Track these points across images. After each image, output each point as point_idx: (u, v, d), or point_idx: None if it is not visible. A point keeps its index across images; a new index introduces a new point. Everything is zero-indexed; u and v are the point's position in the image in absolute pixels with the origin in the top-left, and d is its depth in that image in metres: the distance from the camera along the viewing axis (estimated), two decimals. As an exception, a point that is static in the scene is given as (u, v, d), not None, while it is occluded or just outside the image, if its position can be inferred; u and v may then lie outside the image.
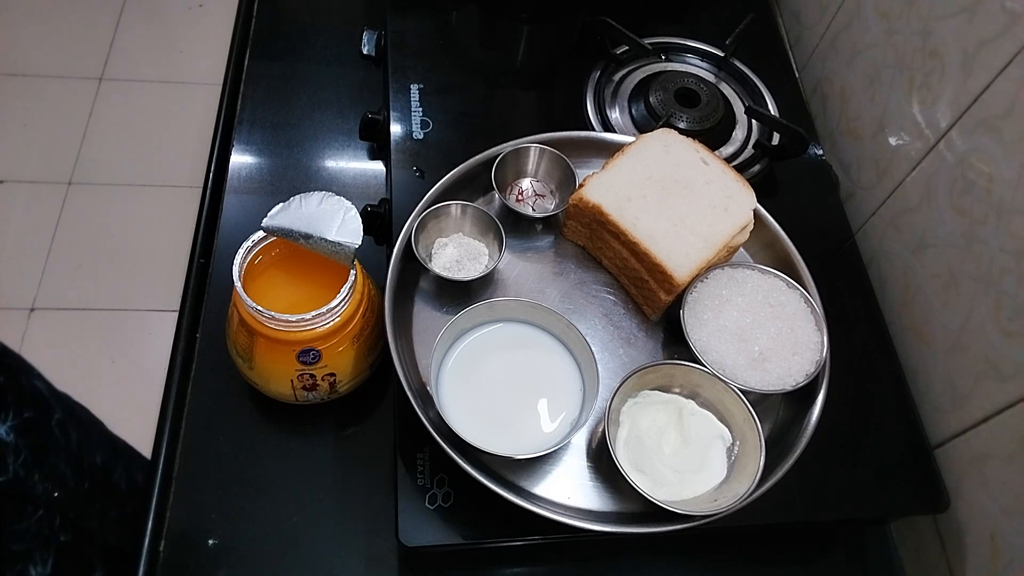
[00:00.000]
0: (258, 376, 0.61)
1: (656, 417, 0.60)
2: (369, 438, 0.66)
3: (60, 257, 1.67)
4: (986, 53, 0.63)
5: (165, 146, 1.85)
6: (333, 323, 0.56)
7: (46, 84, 1.92)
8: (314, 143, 0.84)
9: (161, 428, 0.64)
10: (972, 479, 0.63)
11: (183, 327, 0.70)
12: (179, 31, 2.06)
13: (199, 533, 0.61)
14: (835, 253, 0.75)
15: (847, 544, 0.67)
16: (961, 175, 0.66)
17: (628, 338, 0.66)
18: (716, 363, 0.61)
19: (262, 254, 0.58)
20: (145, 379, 1.47)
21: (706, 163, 0.68)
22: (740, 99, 0.84)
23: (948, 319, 0.67)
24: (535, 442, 0.57)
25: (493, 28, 0.89)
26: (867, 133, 0.80)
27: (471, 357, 0.61)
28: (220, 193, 0.79)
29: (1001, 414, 0.60)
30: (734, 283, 0.65)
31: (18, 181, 1.77)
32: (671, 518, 0.54)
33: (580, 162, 0.72)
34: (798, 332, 0.63)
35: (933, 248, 0.69)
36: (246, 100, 0.86)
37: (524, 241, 0.70)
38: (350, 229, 0.55)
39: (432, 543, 0.57)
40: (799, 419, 0.61)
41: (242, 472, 0.64)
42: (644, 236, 0.63)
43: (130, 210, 1.75)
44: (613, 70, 0.84)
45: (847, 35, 0.84)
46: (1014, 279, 0.59)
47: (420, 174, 0.73)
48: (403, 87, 0.79)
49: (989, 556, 0.60)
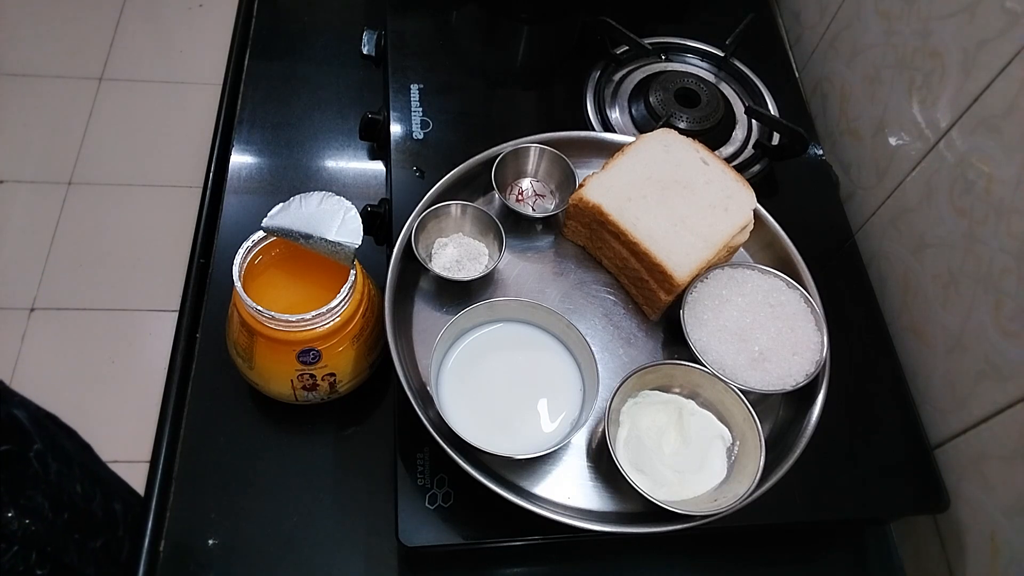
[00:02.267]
0: (258, 376, 0.61)
1: (656, 417, 0.60)
2: (369, 438, 0.66)
3: (60, 257, 1.67)
4: (986, 53, 0.63)
5: (165, 146, 1.85)
6: (333, 323, 0.56)
7: (46, 84, 1.92)
8: (314, 143, 0.84)
9: (161, 428, 0.64)
10: (972, 479, 0.63)
11: (183, 327, 0.70)
12: (179, 31, 2.06)
13: (199, 533, 0.61)
14: (835, 253, 0.75)
15: (847, 544, 0.67)
16: (961, 175, 0.66)
17: (628, 338, 0.66)
18: (716, 363, 0.61)
19: (262, 254, 0.58)
20: (145, 379, 1.46)
21: (706, 163, 0.68)
22: (740, 99, 0.84)
23: (948, 319, 0.67)
24: (535, 442, 0.57)
25: (493, 28, 0.89)
26: (867, 133, 0.80)
27: (471, 357, 0.61)
28: (220, 193, 0.79)
29: (1001, 414, 0.60)
30: (734, 283, 0.65)
31: (18, 181, 1.77)
32: (671, 518, 0.54)
33: (580, 162, 0.72)
34: (798, 332, 0.63)
35: (933, 248, 0.69)
36: (246, 100, 0.86)
37: (524, 241, 0.70)
38: (350, 229, 0.55)
39: (432, 543, 0.57)
40: (799, 419, 0.61)
41: (242, 472, 0.64)
42: (644, 236, 0.63)
43: (130, 210, 1.75)
44: (613, 70, 0.84)
45: (847, 35, 0.84)
46: (1014, 279, 0.59)
47: (420, 174, 0.73)
48: (403, 87, 0.79)
49: (989, 556, 0.60)
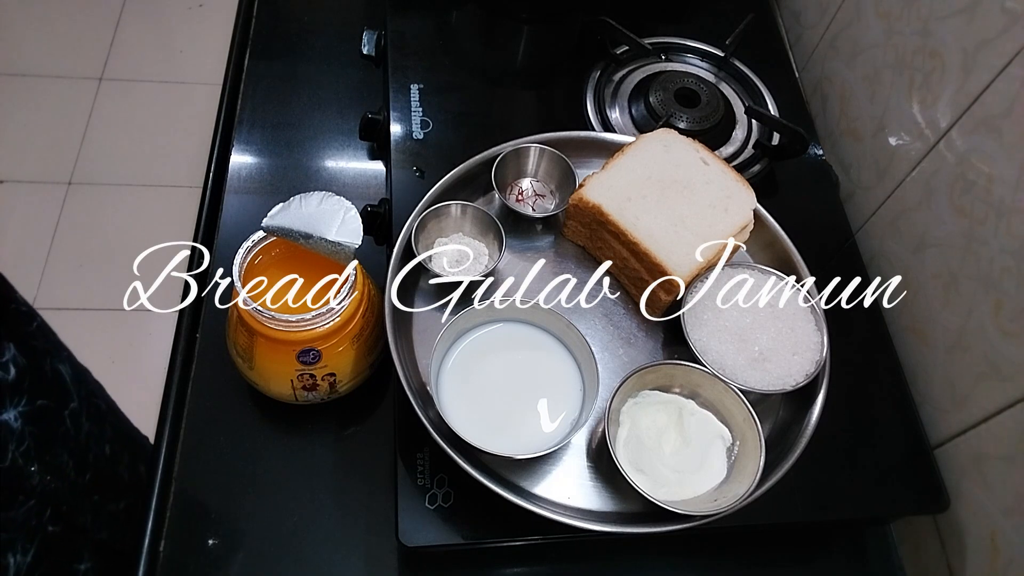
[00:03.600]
0: (258, 376, 0.61)
1: (656, 417, 0.60)
2: (369, 438, 0.66)
3: (60, 257, 1.67)
4: (986, 53, 0.63)
5: (165, 146, 1.85)
6: (333, 323, 0.56)
7: (46, 84, 1.92)
8: (314, 143, 0.84)
9: (161, 428, 0.64)
10: (972, 479, 0.63)
11: (183, 327, 0.70)
12: (179, 31, 2.06)
13: (199, 533, 0.61)
14: (835, 253, 0.75)
15: (847, 544, 0.67)
16: (961, 175, 0.65)
17: (628, 338, 0.66)
18: (716, 363, 0.61)
19: (262, 254, 0.58)
20: (145, 379, 1.46)
21: (706, 163, 0.68)
22: (740, 99, 0.84)
23: (948, 319, 0.67)
24: (535, 442, 0.57)
25: (493, 28, 0.89)
26: (867, 133, 0.80)
27: (471, 357, 0.61)
28: (220, 193, 0.79)
29: (1001, 414, 0.60)
30: (734, 283, 0.65)
31: (18, 181, 1.77)
32: (671, 518, 0.54)
33: (580, 162, 0.72)
34: (798, 332, 0.63)
35: (933, 248, 0.69)
36: (246, 100, 0.86)
37: (524, 241, 0.70)
38: (350, 229, 0.55)
39: (432, 543, 0.57)
40: (799, 419, 0.61)
41: (242, 472, 0.64)
42: (644, 236, 0.63)
43: (130, 210, 1.75)
44: (613, 70, 0.84)
45: (847, 35, 0.84)
46: (1014, 279, 0.59)
47: (420, 174, 0.73)
48: (403, 87, 0.79)
49: (989, 556, 0.60)
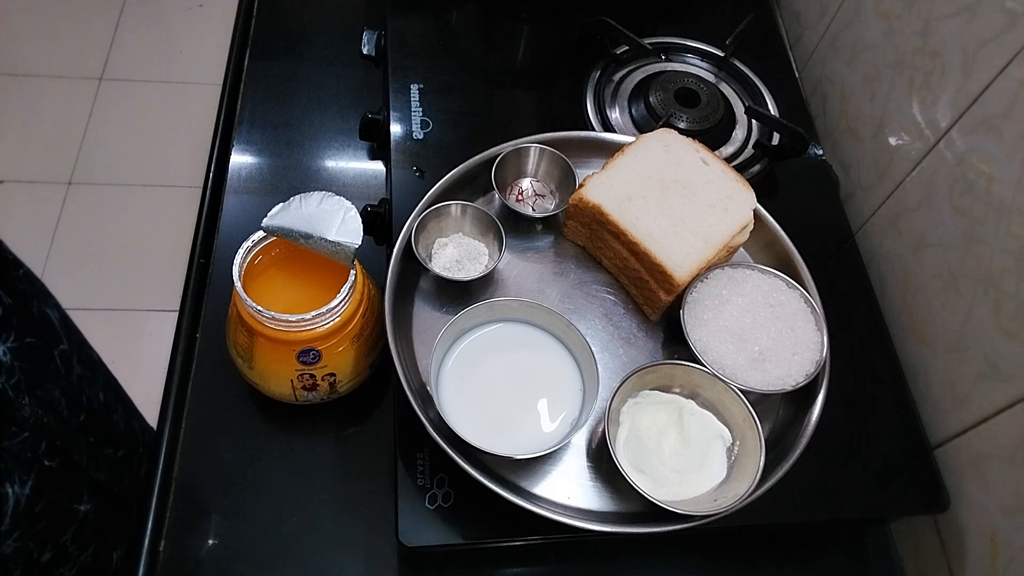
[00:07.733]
0: (258, 376, 0.61)
1: (656, 417, 0.60)
2: (369, 438, 0.66)
3: (60, 257, 1.67)
4: (986, 53, 0.63)
5: (165, 146, 1.85)
6: (333, 323, 0.56)
7: (46, 84, 1.92)
8: (314, 143, 0.84)
9: (161, 428, 0.64)
10: (972, 479, 0.63)
11: (183, 327, 0.70)
12: (179, 31, 2.07)
13: (199, 533, 0.61)
14: (835, 253, 0.75)
15: (847, 544, 0.67)
16: (961, 175, 0.65)
17: (628, 338, 0.66)
18: (716, 363, 0.61)
19: (262, 254, 0.58)
20: (145, 379, 1.46)
21: (706, 163, 0.68)
22: (740, 99, 0.84)
23: (948, 319, 0.67)
24: (535, 442, 0.57)
25: (493, 28, 0.89)
26: (867, 133, 0.80)
27: (471, 357, 0.61)
28: (220, 193, 0.79)
29: (1001, 414, 0.60)
30: (734, 283, 0.65)
31: (18, 181, 1.77)
32: (671, 518, 0.54)
33: (580, 162, 0.72)
34: (798, 332, 0.63)
35: (933, 248, 0.69)
36: (246, 100, 0.86)
37: (524, 241, 0.70)
38: (350, 229, 0.55)
39: (432, 543, 0.57)
40: (799, 419, 0.61)
41: (242, 472, 0.64)
42: (644, 236, 0.63)
43: (130, 210, 1.75)
44: (613, 70, 0.84)
45: (847, 35, 0.84)
46: (1014, 279, 0.59)
47: (420, 174, 0.73)
48: (403, 87, 0.79)
49: (989, 556, 0.60)
